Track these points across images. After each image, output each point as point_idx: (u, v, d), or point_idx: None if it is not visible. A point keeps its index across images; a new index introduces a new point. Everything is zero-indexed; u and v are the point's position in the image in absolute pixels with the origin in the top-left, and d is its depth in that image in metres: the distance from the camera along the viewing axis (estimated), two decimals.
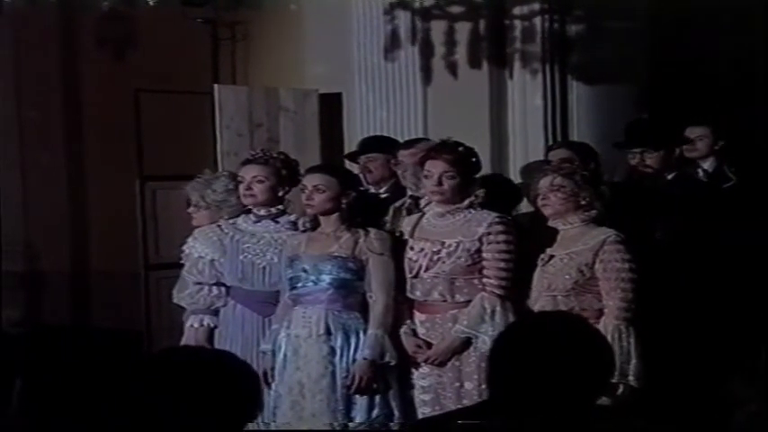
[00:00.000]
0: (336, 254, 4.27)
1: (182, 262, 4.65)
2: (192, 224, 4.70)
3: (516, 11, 6.36)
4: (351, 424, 4.21)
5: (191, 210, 4.73)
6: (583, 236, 4.18)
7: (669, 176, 4.99)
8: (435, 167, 4.21)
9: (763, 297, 4.72)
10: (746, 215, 5.04)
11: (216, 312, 4.54)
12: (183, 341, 4.54)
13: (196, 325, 4.52)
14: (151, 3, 5.19)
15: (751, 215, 5.05)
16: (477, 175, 4.34)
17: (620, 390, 4.00)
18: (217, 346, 4.45)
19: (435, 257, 4.23)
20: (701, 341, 4.55)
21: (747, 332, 4.41)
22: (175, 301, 4.66)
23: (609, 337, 4.00)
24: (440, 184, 4.21)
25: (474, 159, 4.31)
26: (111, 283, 7.28)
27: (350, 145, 6.39)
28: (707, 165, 5.53)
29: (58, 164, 7.91)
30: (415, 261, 4.26)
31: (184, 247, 4.62)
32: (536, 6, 6.32)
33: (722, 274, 4.73)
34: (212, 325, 4.53)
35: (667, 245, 4.68)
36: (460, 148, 4.26)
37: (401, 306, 4.28)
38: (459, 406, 3.91)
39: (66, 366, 5.65)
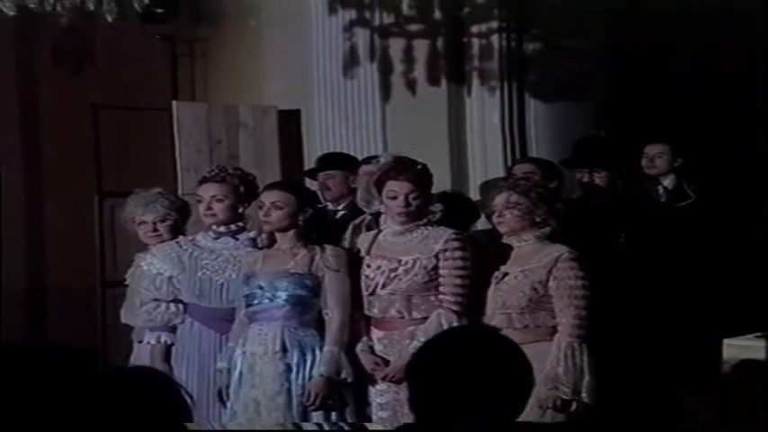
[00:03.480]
0: (293, 270, 4.27)
1: (126, 283, 4.62)
2: (153, 242, 4.63)
3: (474, 29, 6.40)
4: None
5: (151, 229, 4.62)
6: (537, 253, 4.20)
7: (618, 193, 5.08)
8: (401, 188, 4.20)
9: (713, 310, 4.79)
10: (701, 232, 5.11)
11: (173, 329, 4.51)
12: (134, 359, 4.52)
13: (153, 342, 4.50)
14: (110, 19, 5.16)
15: (705, 232, 5.12)
16: (432, 190, 4.36)
17: (574, 407, 4.03)
18: (173, 363, 4.44)
19: (392, 275, 4.24)
20: (652, 354, 4.60)
21: (699, 343, 4.46)
22: (124, 320, 4.63)
23: (562, 354, 4.05)
24: (408, 204, 4.21)
25: (429, 175, 4.33)
26: (68, 299, 7.22)
27: (309, 161, 6.39)
28: (666, 182, 5.59)
29: (15, 179, 7.85)
30: (372, 278, 4.26)
31: (142, 264, 4.58)
32: (493, 25, 6.36)
33: (672, 289, 4.79)
34: (169, 342, 4.51)
35: (617, 260, 4.73)
36: (418, 166, 4.27)
37: (358, 323, 4.29)
38: None
39: (20, 383, 5.58)
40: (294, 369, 4.21)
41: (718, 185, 5.61)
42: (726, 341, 4.46)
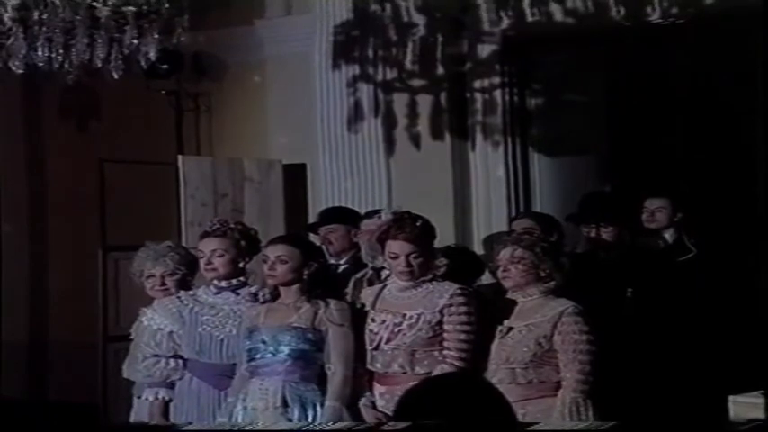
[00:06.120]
0: (296, 324, 4.26)
1: (131, 338, 4.61)
2: (159, 296, 4.62)
3: (476, 84, 6.45)
4: None
5: (159, 282, 4.62)
6: (541, 307, 4.18)
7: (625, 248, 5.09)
8: (401, 249, 4.21)
9: (719, 365, 4.76)
10: (703, 286, 5.10)
11: (171, 385, 4.49)
12: (134, 414, 4.49)
13: (151, 398, 4.47)
14: (116, 76, 5.20)
15: (708, 286, 5.11)
16: (437, 244, 4.36)
17: None
18: (172, 419, 4.41)
19: (396, 329, 4.22)
20: (658, 410, 4.56)
21: (705, 399, 4.43)
22: (125, 375, 4.61)
23: (567, 410, 4.01)
24: (408, 264, 4.21)
25: (431, 229, 4.32)
26: (70, 353, 7.20)
27: (314, 215, 6.39)
28: (666, 236, 5.59)
29: (20, 232, 7.87)
30: (376, 333, 4.25)
31: (143, 319, 4.57)
32: (496, 80, 6.41)
33: (679, 344, 4.77)
34: (167, 398, 4.48)
35: (625, 314, 4.73)
36: (418, 223, 4.26)
37: (361, 377, 4.26)
38: None
39: None
40: None
41: (719, 239, 5.60)
42: (731, 398, 4.42)
